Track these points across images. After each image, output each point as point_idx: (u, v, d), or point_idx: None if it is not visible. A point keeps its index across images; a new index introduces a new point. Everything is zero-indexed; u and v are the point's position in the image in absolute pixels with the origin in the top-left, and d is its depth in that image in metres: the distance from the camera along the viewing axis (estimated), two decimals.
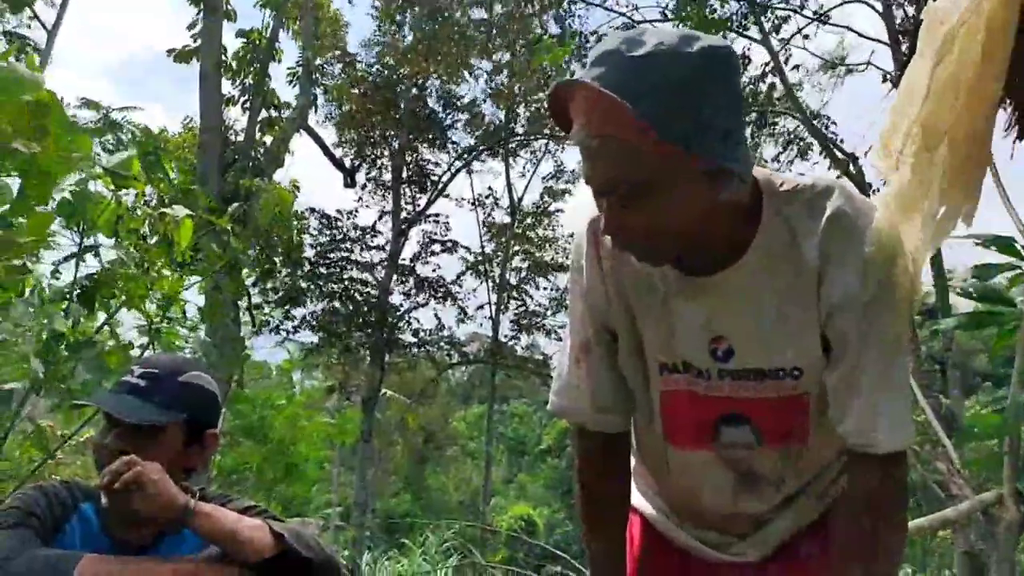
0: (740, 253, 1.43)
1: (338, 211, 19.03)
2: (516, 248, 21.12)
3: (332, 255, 18.79)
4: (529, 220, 20.95)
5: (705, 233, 1.38)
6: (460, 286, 20.21)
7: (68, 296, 3.17)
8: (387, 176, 19.24)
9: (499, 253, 21.30)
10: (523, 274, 21.27)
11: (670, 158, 1.27)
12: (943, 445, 4.50)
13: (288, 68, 14.84)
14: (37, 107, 2.63)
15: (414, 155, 19.11)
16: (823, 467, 1.65)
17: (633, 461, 1.78)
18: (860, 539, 1.44)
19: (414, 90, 18.53)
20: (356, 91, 17.98)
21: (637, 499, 1.83)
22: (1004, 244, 3.05)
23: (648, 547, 1.81)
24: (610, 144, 1.29)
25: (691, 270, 1.47)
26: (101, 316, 3.36)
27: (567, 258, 1.72)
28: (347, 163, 18.85)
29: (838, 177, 8.51)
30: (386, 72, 18.53)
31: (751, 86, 14.58)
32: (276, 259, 16.41)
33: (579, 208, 1.61)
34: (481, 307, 21.05)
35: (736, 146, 1.32)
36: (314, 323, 18.42)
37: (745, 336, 1.47)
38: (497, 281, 21.19)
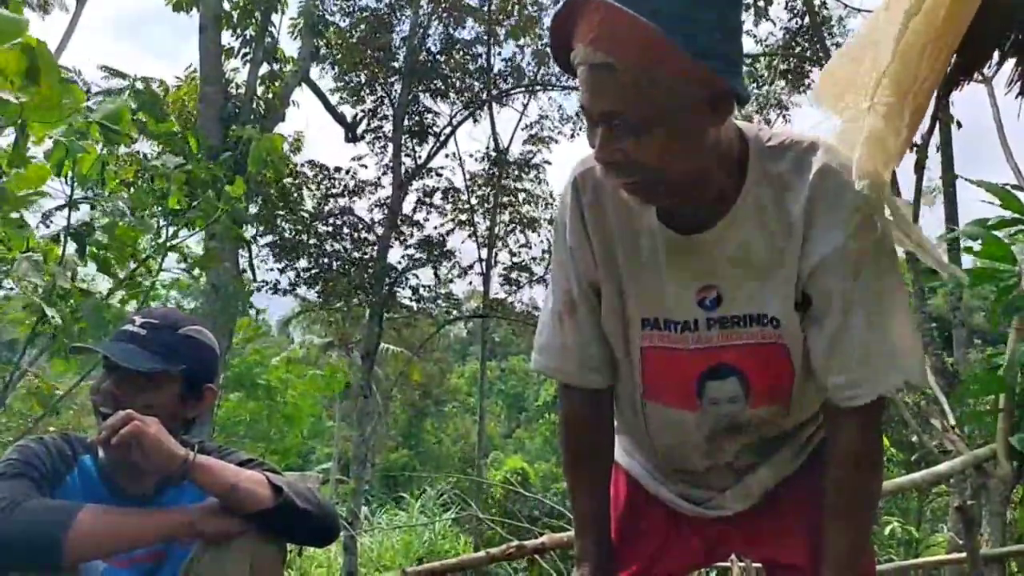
0: (728, 207, 1.43)
1: (336, 167, 18.81)
2: (504, 200, 20.90)
3: (330, 208, 18.61)
4: (515, 171, 20.65)
5: (700, 176, 1.37)
6: (446, 244, 20.06)
7: (61, 243, 3.16)
8: (388, 128, 18.92)
9: (486, 204, 21.09)
10: (510, 227, 21.06)
11: (684, 75, 1.25)
12: (939, 402, 4.53)
13: (291, 19, 14.61)
14: (25, 54, 2.56)
15: (415, 105, 18.79)
16: (802, 423, 1.66)
17: (616, 419, 1.78)
18: (848, 494, 1.48)
19: (416, 37, 18.17)
20: (348, 28, 17.61)
21: (620, 456, 1.84)
22: (1007, 197, 3.05)
23: (633, 503, 1.82)
24: (624, 64, 1.25)
25: (680, 227, 1.47)
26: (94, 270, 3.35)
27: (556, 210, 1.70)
28: (348, 116, 18.61)
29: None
30: (384, 10, 18.15)
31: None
32: (277, 212, 16.36)
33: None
34: (472, 266, 20.94)
35: (739, 71, 1.32)
36: (312, 278, 18.36)
37: (733, 284, 1.47)
38: (485, 236, 21.03)
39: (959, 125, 7.80)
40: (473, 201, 20.73)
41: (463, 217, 20.56)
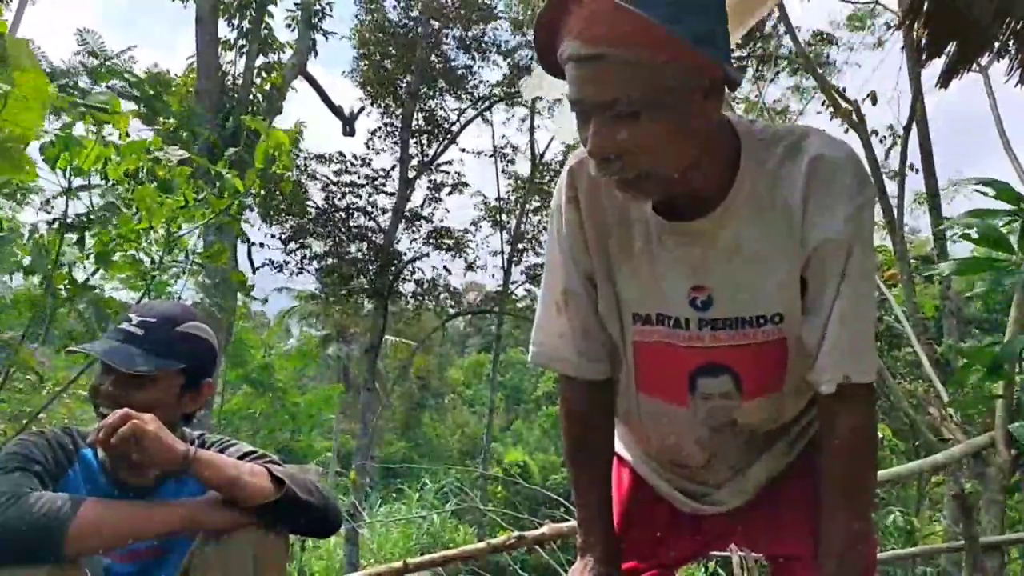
0: (722, 199, 1.43)
1: (354, 155, 18.88)
2: (536, 203, 20.87)
3: (340, 201, 18.66)
4: (549, 176, 20.57)
5: (695, 164, 1.37)
6: (474, 235, 20.14)
7: (60, 237, 3.14)
8: (398, 123, 18.98)
9: (517, 204, 21.12)
10: (541, 227, 21.04)
11: (676, 60, 1.25)
12: (936, 390, 4.55)
13: (288, 11, 14.55)
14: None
15: (427, 102, 18.87)
16: (797, 414, 1.66)
17: (617, 410, 1.77)
18: (844, 480, 1.49)
19: (432, 39, 18.27)
20: (378, 35, 17.76)
21: (620, 448, 1.84)
22: (1002, 189, 3.06)
23: (634, 494, 1.83)
24: (615, 53, 1.25)
25: (674, 215, 1.46)
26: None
27: None
28: (346, 111, 18.60)
29: (843, 124, 8.44)
30: (409, 22, 18.33)
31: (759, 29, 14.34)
32: (280, 205, 16.35)
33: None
34: (495, 254, 20.99)
35: (729, 55, 1.33)
36: (317, 268, 18.40)
37: (727, 284, 1.47)
38: (512, 232, 21.04)
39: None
40: (506, 193, 20.77)
41: (493, 208, 20.65)
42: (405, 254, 19.06)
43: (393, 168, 18.98)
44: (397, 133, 18.89)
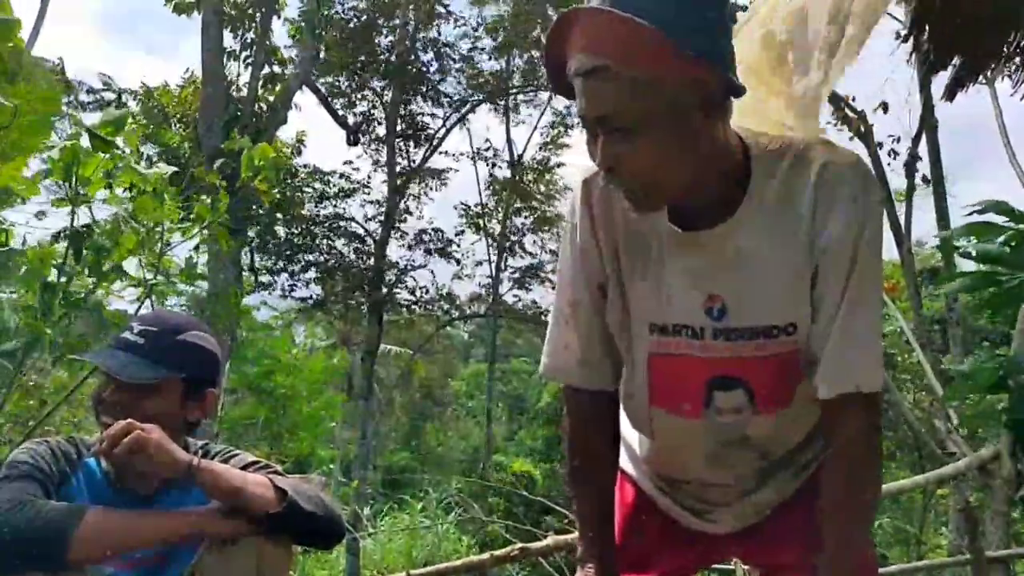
0: (733, 209, 1.43)
1: (332, 171, 18.89)
2: (519, 205, 20.86)
3: (326, 211, 18.68)
4: (530, 175, 20.59)
5: (700, 178, 1.37)
6: (459, 244, 20.11)
7: (60, 245, 3.14)
8: (382, 131, 18.96)
9: (499, 209, 21.10)
10: (525, 229, 21.03)
11: (679, 72, 1.26)
12: (942, 402, 4.53)
13: (287, 20, 14.62)
14: (12, 55, 2.50)
15: (407, 109, 18.87)
16: (804, 437, 1.65)
17: (622, 423, 1.77)
18: (845, 490, 1.47)
19: (392, 38, 18.23)
20: (333, 35, 17.72)
21: (625, 462, 1.83)
22: (1002, 208, 3.07)
23: (636, 503, 1.82)
24: (617, 66, 1.25)
25: (685, 225, 1.46)
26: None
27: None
28: (350, 120, 18.64)
29: (851, 136, 8.43)
30: (363, 17, 18.22)
31: None
32: (276, 216, 16.38)
33: (578, 166, 1.59)
34: (480, 264, 20.96)
35: (733, 66, 1.33)
36: (311, 279, 18.42)
37: (739, 294, 1.46)
38: (496, 237, 21.02)
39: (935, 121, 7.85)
40: (486, 199, 20.74)
41: (475, 215, 20.63)
42: (397, 262, 19.08)
43: (374, 173, 19.01)
44: (382, 139, 18.88)
